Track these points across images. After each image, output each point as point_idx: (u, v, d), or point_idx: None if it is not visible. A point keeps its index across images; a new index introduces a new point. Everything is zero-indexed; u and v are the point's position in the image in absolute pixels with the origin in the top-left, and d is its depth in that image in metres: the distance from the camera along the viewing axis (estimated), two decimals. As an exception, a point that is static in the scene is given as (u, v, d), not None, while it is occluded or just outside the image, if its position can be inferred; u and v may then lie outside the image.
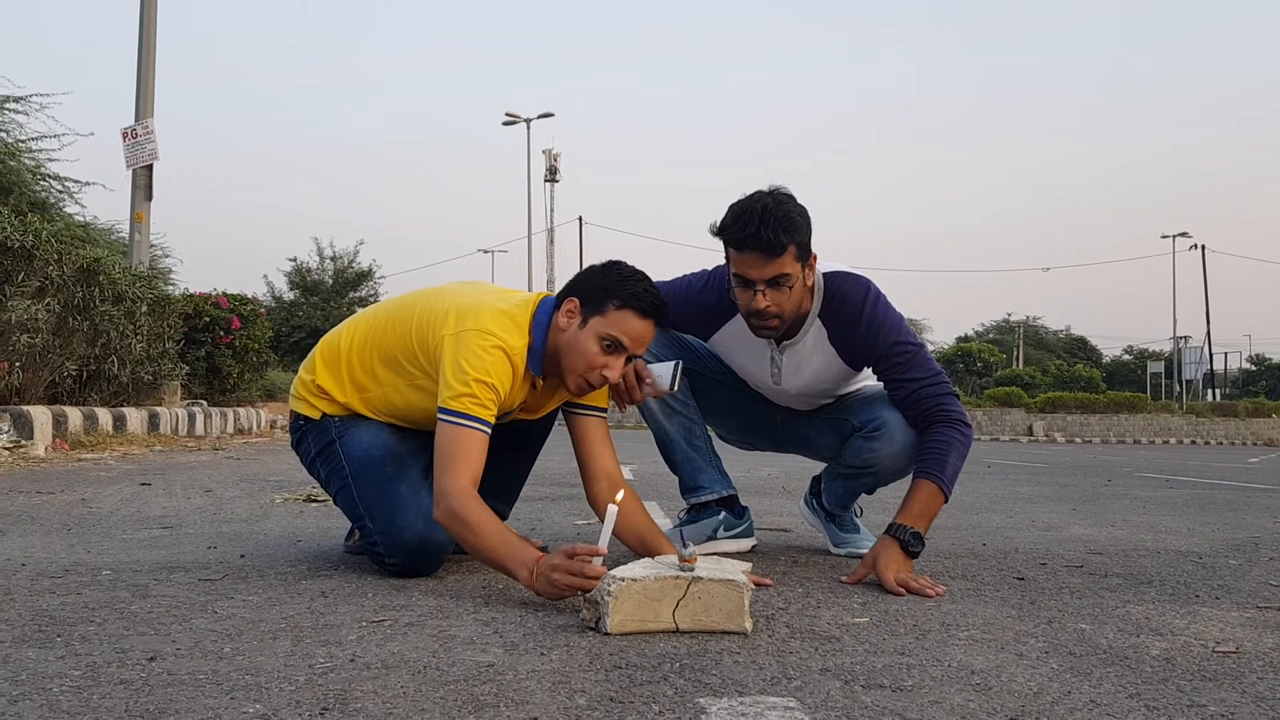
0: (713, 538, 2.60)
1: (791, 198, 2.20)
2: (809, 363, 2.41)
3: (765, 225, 2.12)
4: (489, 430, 2.01)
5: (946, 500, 2.26)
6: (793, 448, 2.73)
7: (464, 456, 1.96)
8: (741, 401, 2.64)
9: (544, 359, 2.11)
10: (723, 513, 2.62)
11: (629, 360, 2.12)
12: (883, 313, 2.33)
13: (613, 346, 2.06)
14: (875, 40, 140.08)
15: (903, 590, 2.06)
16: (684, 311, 2.43)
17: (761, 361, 2.46)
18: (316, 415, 2.26)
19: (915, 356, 2.33)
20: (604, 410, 2.26)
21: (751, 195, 2.19)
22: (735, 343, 2.46)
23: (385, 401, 2.21)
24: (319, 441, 2.25)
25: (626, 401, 2.23)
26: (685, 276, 2.50)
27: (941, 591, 2.07)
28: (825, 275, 2.34)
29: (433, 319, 2.10)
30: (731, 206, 2.20)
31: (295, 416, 2.31)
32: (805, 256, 2.20)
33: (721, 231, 2.20)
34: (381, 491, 2.14)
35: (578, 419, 2.24)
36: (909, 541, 2.16)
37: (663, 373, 2.20)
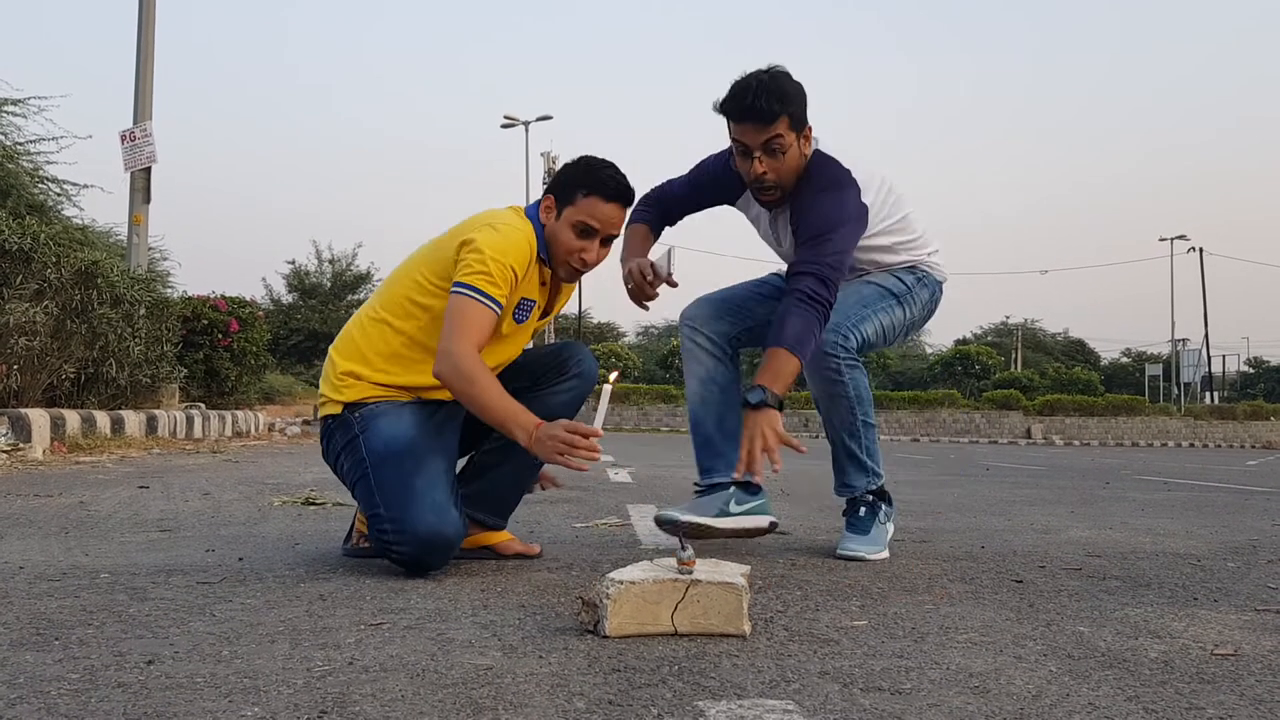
0: (724, 512, 2.54)
1: (787, 74, 2.35)
2: (786, 233, 2.56)
3: (759, 96, 2.29)
4: (499, 310, 2.12)
5: (801, 362, 2.33)
6: None
7: (471, 325, 2.07)
8: None
9: (544, 246, 2.25)
10: (733, 487, 2.57)
11: (605, 243, 2.25)
12: (835, 201, 2.39)
13: (586, 232, 2.21)
14: (875, 40, 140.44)
15: (759, 461, 2.17)
16: (716, 178, 2.60)
17: (770, 229, 2.64)
18: (339, 409, 2.27)
19: (832, 241, 2.37)
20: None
21: (749, 73, 2.35)
22: (753, 210, 2.63)
23: (418, 345, 2.25)
24: (344, 436, 2.28)
25: (645, 298, 2.40)
26: (702, 160, 2.68)
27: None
28: (825, 157, 2.44)
29: (442, 246, 2.22)
30: (731, 84, 2.35)
31: (325, 420, 2.35)
32: (799, 127, 2.35)
33: (721, 106, 2.36)
34: (399, 481, 2.16)
35: None
36: (755, 398, 2.25)
37: (661, 260, 2.43)
